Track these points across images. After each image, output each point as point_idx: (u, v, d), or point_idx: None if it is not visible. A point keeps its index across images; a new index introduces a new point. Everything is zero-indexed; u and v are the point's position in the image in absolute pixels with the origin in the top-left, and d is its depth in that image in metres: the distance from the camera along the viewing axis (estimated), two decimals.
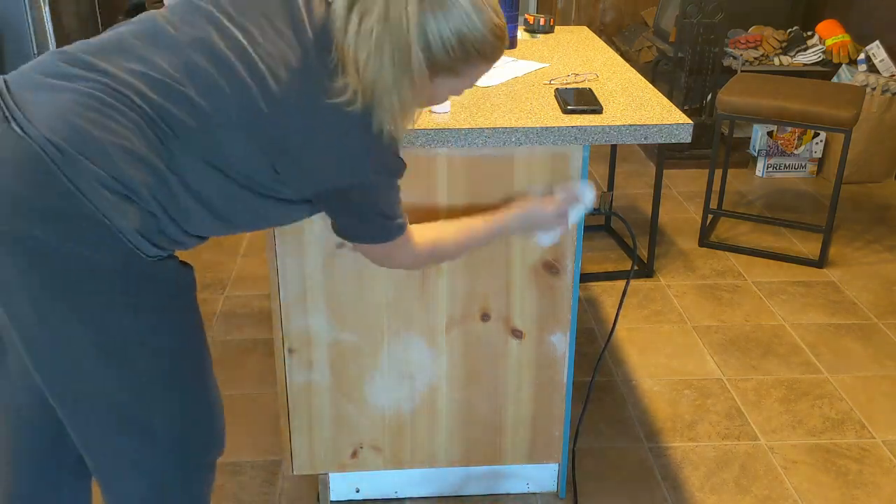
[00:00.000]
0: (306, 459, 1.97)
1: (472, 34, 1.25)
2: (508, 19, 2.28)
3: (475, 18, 1.25)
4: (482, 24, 1.26)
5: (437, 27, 1.23)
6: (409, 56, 1.22)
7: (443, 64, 1.27)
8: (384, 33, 1.20)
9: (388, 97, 1.25)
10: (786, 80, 3.43)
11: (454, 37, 1.24)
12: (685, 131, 1.68)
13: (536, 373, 1.92)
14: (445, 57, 1.26)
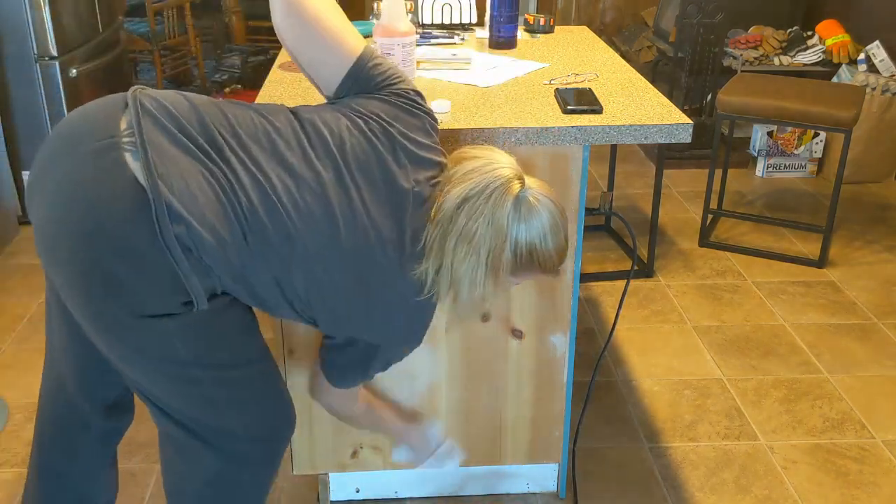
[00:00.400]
0: (306, 459, 1.97)
1: (541, 251, 1.38)
2: (508, 19, 2.28)
3: (549, 238, 1.37)
4: (553, 244, 1.38)
5: (517, 235, 1.35)
6: (500, 259, 1.35)
7: (511, 269, 1.39)
8: (487, 235, 1.33)
9: (470, 289, 1.37)
10: (786, 80, 3.43)
11: (526, 250, 1.36)
12: (685, 131, 1.68)
13: (536, 373, 1.92)
14: (515, 264, 1.38)
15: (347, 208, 1.32)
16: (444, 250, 1.35)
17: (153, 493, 2.11)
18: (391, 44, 1.70)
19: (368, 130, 1.37)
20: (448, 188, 1.35)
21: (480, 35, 2.47)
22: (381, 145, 1.36)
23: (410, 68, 1.73)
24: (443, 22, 2.52)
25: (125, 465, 2.19)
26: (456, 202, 1.33)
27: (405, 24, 1.71)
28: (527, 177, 1.38)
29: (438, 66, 2.08)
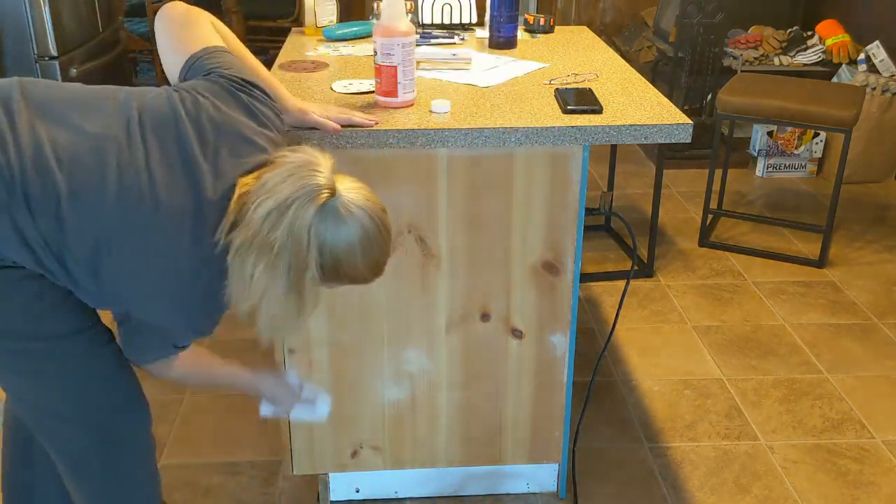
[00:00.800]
0: (306, 459, 1.97)
1: (348, 268, 1.31)
2: (508, 19, 2.28)
3: (358, 252, 1.29)
4: (363, 259, 1.31)
5: (320, 248, 1.27)
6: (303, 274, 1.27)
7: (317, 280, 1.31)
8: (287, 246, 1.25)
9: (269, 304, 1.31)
10: (786, 80, 3.43)
11: (331, 265, 1.29)
12: (685, 131, 1.68)
13: (536, 373, 1.92)
14: (320, 275, 1.30)
15: (126, 162, 1.27)
16: (244, 261, 1.27)
17: None
18: (391, 44, 1.70)
19: (179, 99, 1.33)
20: (257, 192, 1.27)
21: (480, 35, 2.47)
22: (184, 112, 1.32)
23: (410, 68, 1.73)
24: (443, 22, 2.52)
25: None
26: (261, 210, 1.25)
27: (405, 24, 1.71)
28: (347, 184, 1.31)
29: (438, 66, 2.08)
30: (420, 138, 1.63)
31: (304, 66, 2.09)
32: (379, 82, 1.74)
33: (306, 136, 1.62)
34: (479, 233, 1.77)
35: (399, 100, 1.74)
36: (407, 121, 1.67)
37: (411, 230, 1.76)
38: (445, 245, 1.78)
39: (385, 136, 1.63)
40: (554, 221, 1.77)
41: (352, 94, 1.85)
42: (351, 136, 1.62)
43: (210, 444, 2.28)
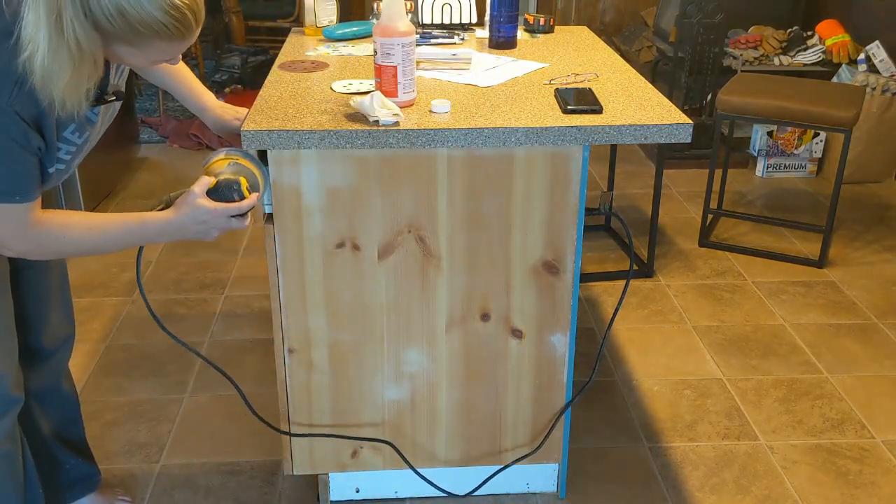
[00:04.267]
0: (306, 459, 1.97)
1: (135, 11, 1.22)
2: (508, 19, 2.28)
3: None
4: (149, 0, 1.22)
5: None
6: (61, 20, 1.19)
7: (111, 33, 1.24)
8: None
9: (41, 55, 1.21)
10: (786, 80, 3.43)
11: (113, 8, 1.21)
12: (685, 131, 1.68)
13: (536, 373, 1.92)
14: (109, 27, 1.23)
15: None
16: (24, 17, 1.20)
17: (153, 492, 2.11)
18: (391, 44, 1.70)
19: None
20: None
21: (480, 35, 2.47)
22: None
23: (410, 68, 1.73)
24: (443, 22, 2.52)
25: (125, 466, 2.19)
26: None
27: (405, 24, 1.71)
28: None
29: (438, 66, 2.08)
30: (420, 138, 1.63)
31: (304, 66, 2.09)
32: (379, 82, 1.74)
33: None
34: (479, 233, 1.77)
35: (399, 100, 1.74)
36: (407, 121, 1.67)
37: (411, 230, 1.76)
38: (445, 245, 1.78)
39: (385, 136, 1.63)
40: (554, 221, 1.77)
41: (352, 93, 1.85)
42: (351, 137, 1.62)
43: (210, 444, 2.28)
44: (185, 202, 1.48)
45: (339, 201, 1.72)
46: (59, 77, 1.24)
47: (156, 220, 1.48)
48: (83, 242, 1.44)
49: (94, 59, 1.27)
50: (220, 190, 1.50)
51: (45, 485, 1.81)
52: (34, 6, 1.20)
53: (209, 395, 2.47)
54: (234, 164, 1.55)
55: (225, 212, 1.50)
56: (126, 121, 4.16)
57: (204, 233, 1.51)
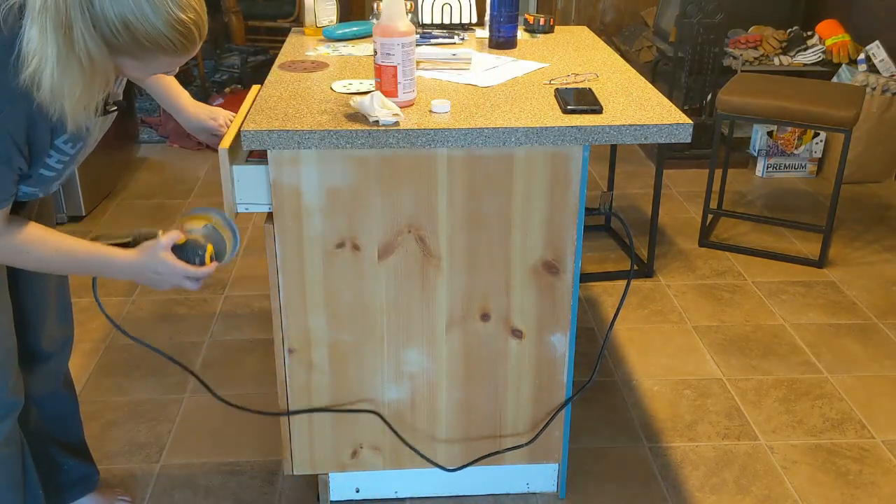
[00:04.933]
0: (306, 459, 1.97)
1: (141, 25, 1.22)
2: (508, 19, 2.28)
3: (146, 9, 1.21)
4: (155, 15, 1.22)
5: (101, 9, 1.20)
6: (71, 34, 1.20)
7: (115, 47, 1.24)
8: (45, 9, 1.18)
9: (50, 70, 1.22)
10: (786, 80, 3.43)
11: (119, 22, 1.21)
12: (685, 131, 1.68)
13: (536, 373, 1.92)
14: (115, 41, 1.23)
15: None
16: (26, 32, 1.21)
17: (153, 493, 2.11)
18: (391, 44, 1.70)
19: None
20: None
21: (480, 35, 2.47)
22: None
23: (410, 68, 1.73)
24: (443, 22, 2.52)
25: (125, 466, 2.19)
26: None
27: (405, 24, 1.71)
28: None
29: (438, 66, 2.08)
30: (420, 138, 1.63)
31: (304, 66, 2.09)
32: (379, 82, 1.74)
33: None
34: (479, 233, 1.77)
35: (399, 100, 1.74)
36: (407, 121, 1.67)
37: (411, 230, 1.76)
38: (445, 245, 1.78)
39: (385, 136, 1.63)
40: (554, 221, 1.77)
41: (352, 93, 1.85)
42: (351, 137, 1.62)
43: (210, 444, 2.28)
44: (149, 250, 1.51)
45: (339, 201, 1.72)
46: (69, 92, 1.25)
47: (118, 259, 1.51)
48: (46, 262, 1.46)
49: (105, 73, 1.28)
50: (185, 249, 1.54)
51: (44, 485, 1.81)
52: (39, 21, 1.20)
53: (209, 395, 2.47)
54: (209, 227, 1.58)
55: (182, 272, 1.53)
56: (126, 121, 4.15)
57: (155, 283, 1.55)
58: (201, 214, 1.60)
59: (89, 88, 1.27)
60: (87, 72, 1.24)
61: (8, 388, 1.57)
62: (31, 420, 1.81)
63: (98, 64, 1.25)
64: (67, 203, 3.50)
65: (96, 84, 1.28)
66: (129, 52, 1.26)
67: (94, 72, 1.25)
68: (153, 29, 1.23)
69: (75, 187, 3.48)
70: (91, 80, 1.26)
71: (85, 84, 1.25)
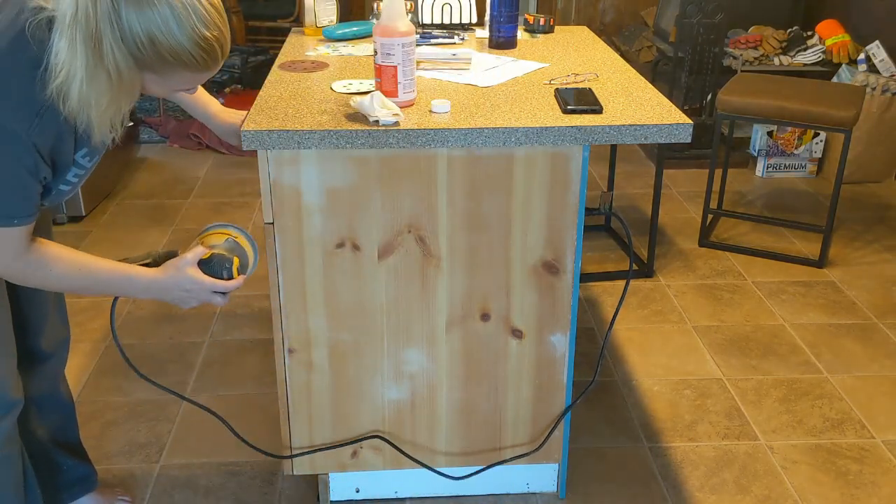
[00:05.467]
0: (306, 459, 1.97)
1: (166, 40, 1.23)
2: (508, 19, 2.28)
3: (172, 25, 1.22)
4: (180, 31, 1.23)
5: (128, 22, 1.21)
6: (100, 47, 1.21)
7: (139, 60, 1.25)
8: (75, 16, 1.19)
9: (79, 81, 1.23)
10: (786, 80, 3.43)
11: (145, 37, 1.22)
12: (685, 131, 1.68)
13: (536, 373, 1.92)
14: (139, 54, 1.24)
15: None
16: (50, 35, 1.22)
17: (153, 493, 2.11)
18: (391, 44, 1.70)
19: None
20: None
21: (480, 35, 2.47)
22: None
23: (410, 68, 1.73)
24: (443, 22, 2.52)
25: (125, 466, 2.19)
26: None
27: (405, 24, 1.71)
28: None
29: (438, 66, 2.08)
30: (420, 138, 1.63)
31: (304, 66, 2.09)
32: (379, 82, 1.74)
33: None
34: (479, 233, 1.77)
35: (399, 100, 1.74)
36: (407, 121, 1.67)
37: (411, 230, 1.76)
38: (445, 245, 1.78)
39: (385, 136, 1.63)
40: (554, 221, 1.77)
41: (352, 93, 1.85)
42: (351, 137, 1.62)
43: (210, 444, 2.28)
44: (176, 266, 1.49)
45: (339, 201, 1.72)
46: (96, 104, 1.26)
47: (142, 277, 1.49)
48: (68, 280, 1.45)
49: (131, 87, 1.29)
50: (212, 264, 1.53)
51: (43, 486, 1.82)
52: (68, 33, 1.21)
53: (209, 395, 2.47)
54: (230, 241, 1.58)
55: (211, 286, 1.52)
56: None
57: (184, 300, 1.54)
58: (219, 230, 1.59)
59: (116, 101, 1.28)
60: (114, 84, 1.25)
61: (9, 388, 1.57)
62: (30, 421, 1.81)
63: (125, 77, 1.26)
64: (67, 203, 3.50)
65: (123, 97, 1.29)
66: (153, 66, 1.27)
67: (121, 85, 1.26)
68: (178, 45, 1.24)
69: None
70: (118, 93, 1.27)
71: (112, 96, 1.26)
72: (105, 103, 1.26)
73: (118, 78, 1.25)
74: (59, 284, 1.45)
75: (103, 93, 1.25)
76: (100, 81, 1.24)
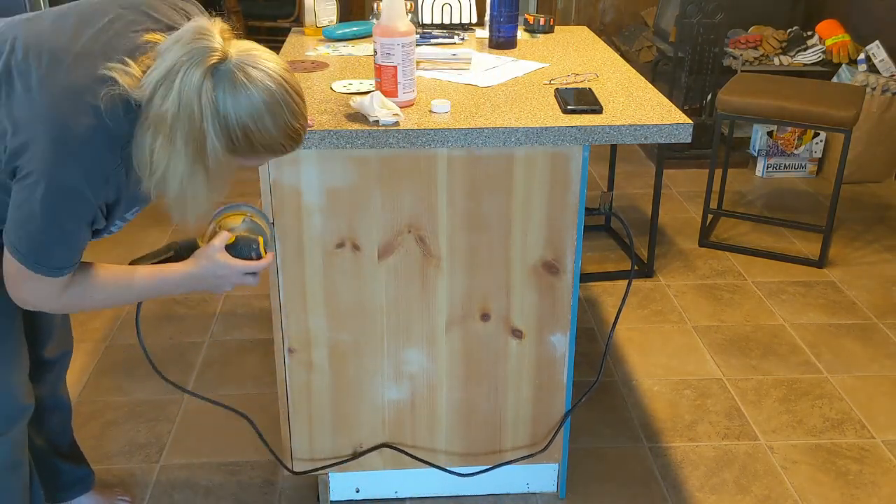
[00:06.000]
0: (306, 459, 1.97)
1: (259, 132, 1.25)
2: (508, 19, 2.28)
3: (267, 119, 1.24)
4: (274, 125, 1.25)
5: (226, 118, 1.23)
6: (203, 145, 1.23)
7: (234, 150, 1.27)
8: (180, 118, 1.21)
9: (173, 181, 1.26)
10: (786, 80, 3.43)
11: (240, 130, 1.24)
12: (685, 131, 1.68)
13: (536, 373, 1.92)
14: (232, 144, 1.26)
15: None
16: (144, 135, 1.24)
17: (153, 493, 2.11)
18: (391, 44, 1.70)
19: None
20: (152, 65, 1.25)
21: (480, 35, 2.47)
22: None
23: (410, 68, 1.73)
24: (443, 22, 2.52)
25: (125, 466, 2.19)
26: (152, 81, 1.22)
27: (405, 24, 1.71)
28: (242, 47, 1.25)
29: (438, 66, 2.08)
30: (420, 138, 1.63)
31: (304, 66, 2.09)
32: (379, 82, 1.74)
33: None
34: (479, 233, 1.77)
35: (399, 100, 1.74)
36: (407, 121, 1.67)
37: (411, 230, 1.76)
38: (445, 245, 1.78)
39: (385, 136, 1.63)
40: (554, 221, 1.77)
41: (352, 93, 1.85)
42: (351, 137, 1.62)
43: (210, 444, 2.28)
44: (206, 255, 1.50)
45: (339, 201, 1.72)
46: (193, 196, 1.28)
47: (177, 273, 1.50)
48: (112, 299, 1.47)
49: (227, 176, 1.32)
50: (238, 247, 1.53)
51: (43, 487, 1.82)
52: (166, 131, 1.22)
53: (209, 395, 2.47)
54: (248, 221, 1.58)
55: (243, 268, 1.53)
56: None
57: (218, 286, 1.54)
58: (234, 212, 1.59)
59: (212, 191, 1.31)
60: (211, 176, 1.28)
61: (22, 395, 1.59)
62: (29, 424, 1.81)
63: (223, 168, 1.28)
64: None
65: (217, 187, 1.31)
66: (243, 154, 1.29)
67: (217, 175, 1.29)
68: (270, 136, 1.26)
69: None
70: (214, 184, 1.30)
71: (209, 188, 1.29)
72: (203, 196, 1.29)
73: (218, 176, 1.28)
74: (92, 306, 1.47)
75: (201, 185, 1.28)
76: (198, 176, 1.26)
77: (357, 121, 1.67)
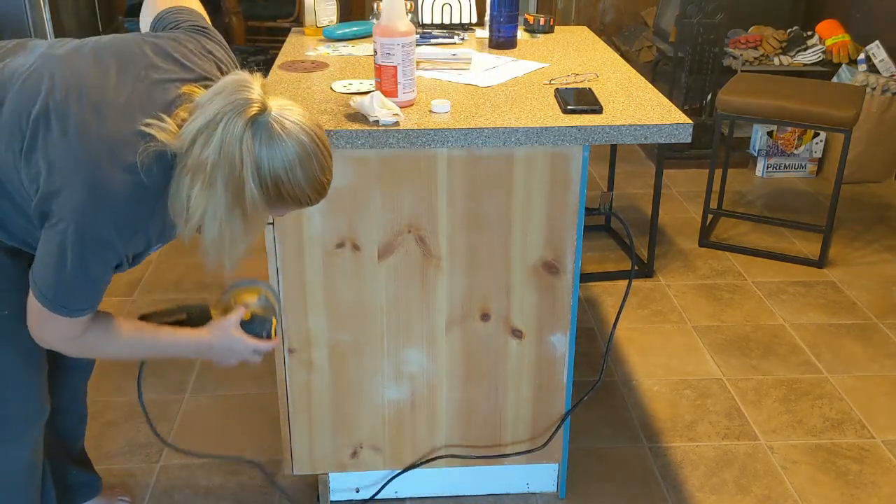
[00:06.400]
0: (306, 459, 1.97)
1: (289, 184, 1.28)
2: (508, 19, 2.28)
3: (298, 172, 1.28)
4: (304, 178, 1.29)
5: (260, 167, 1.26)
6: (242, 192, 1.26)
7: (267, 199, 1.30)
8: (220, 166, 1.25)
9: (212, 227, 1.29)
10: (786, 80, 3.43)
11: (271, 181, 1.27)
12: (685, 131, 1.68)
13: (536, 373, 1.92)
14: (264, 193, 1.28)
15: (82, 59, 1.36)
16: (181, 182, 1.28)
17: (153, 493, 2.11)
18: (391, 44, 1.70)
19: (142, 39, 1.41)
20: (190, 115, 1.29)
21: (480, 35, 2.47)
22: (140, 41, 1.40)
23: (410, 68, 1.73)
24: (443, 22, 2.52)
25: (125, 466, 2.19)
26: (192, 128, 1.25)
27: (405, 24, 1.71)
28: (280, 101, 1.29)
29: (438, 66, 2.08)
30: (420, 138, 1.63)
31: (304, 66, 2.09)
32: (379, 82, 1.74)
33: None
34: (479, 233, 1.77)
35: (399, 100, 1.74)
36: (407, 121, 1.67)
37: (411, 230, 1.76)
38: (445, 245, 1.78)
39: (385, 136, 1.63)
40: (554, 221, 1.77)
41: (352, 93, 1.85)
42: (351, 137, 1.62)
43: (210, 444, 2.28)
44: (222, 328, 1.55)
45: (339, 201, 1.72)
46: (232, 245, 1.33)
47: (190, 339, 1.54)
48: (118, 352, 1.52)
49: (261, 224, 1.37)
50: (253, 324, 1.58)
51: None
52: (207, 178, 1.25)
53: (209, 395, 2.47)
54: (263, 299, 1.61)
55: (253, 347, 1.57)
56: None
57: (226, 358, 1.59)
58: (250, 287, 1.63)
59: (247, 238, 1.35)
60: (248, 221, 1.31)
61: (42, 398, 1.60)
62: (48, 427, 1.81)
63: (259, 215, 1.33)
64: None
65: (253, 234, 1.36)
66: (272, 203, 1.32)
67: (254, 221, 1.33)
68: (300, 189, 1.30)
69: None
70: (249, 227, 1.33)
71: (245, 230, 1.33)
72: (240, 239, 1.33)
73: (255, 222, 1.33)
74: (113, 357, 1.55)
75: (239, 229, 1.31)
76: (237, 220, 1.30)
77: (357, 121, 1.67)
